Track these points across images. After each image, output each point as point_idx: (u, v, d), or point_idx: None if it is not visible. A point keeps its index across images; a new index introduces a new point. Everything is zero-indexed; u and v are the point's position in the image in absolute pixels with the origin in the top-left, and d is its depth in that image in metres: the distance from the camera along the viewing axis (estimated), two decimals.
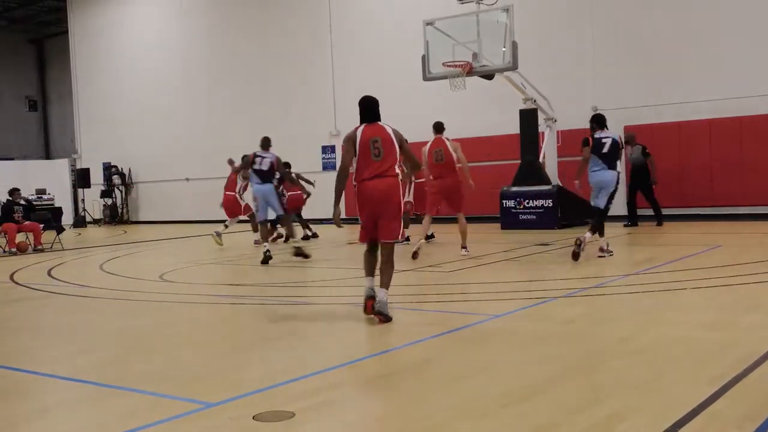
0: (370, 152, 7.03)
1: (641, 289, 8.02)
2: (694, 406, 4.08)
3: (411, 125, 20.27)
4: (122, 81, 29.28)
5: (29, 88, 36.98)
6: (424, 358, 5.57)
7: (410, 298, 8.37)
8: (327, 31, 23.35)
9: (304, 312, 8.03)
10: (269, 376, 5.13)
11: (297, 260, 12.16)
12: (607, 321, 6.67)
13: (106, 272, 12.08)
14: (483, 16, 15.77)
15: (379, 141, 7.09)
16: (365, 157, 7.04)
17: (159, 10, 28.17)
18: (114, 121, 29.41)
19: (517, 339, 6.02)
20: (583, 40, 18.84)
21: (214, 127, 26.07)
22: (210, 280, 11.01)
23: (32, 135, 36.49)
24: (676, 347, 5.52)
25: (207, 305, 8.65)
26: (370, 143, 7.06)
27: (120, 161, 29.18)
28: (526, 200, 16.63)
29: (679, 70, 17.60)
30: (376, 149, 7.04)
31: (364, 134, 7.11)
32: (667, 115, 17.64)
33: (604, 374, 4.92)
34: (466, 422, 4.07)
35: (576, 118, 18.51)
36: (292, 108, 24.06)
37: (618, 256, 10.94)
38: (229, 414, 4.35)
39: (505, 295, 8.15)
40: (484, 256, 11.62)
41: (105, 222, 29.13)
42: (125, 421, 4.27)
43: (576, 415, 4.05)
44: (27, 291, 10.29)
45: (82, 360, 6.05)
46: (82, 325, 7.70)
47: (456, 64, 15.71)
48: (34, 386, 5.38)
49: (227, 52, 25.92)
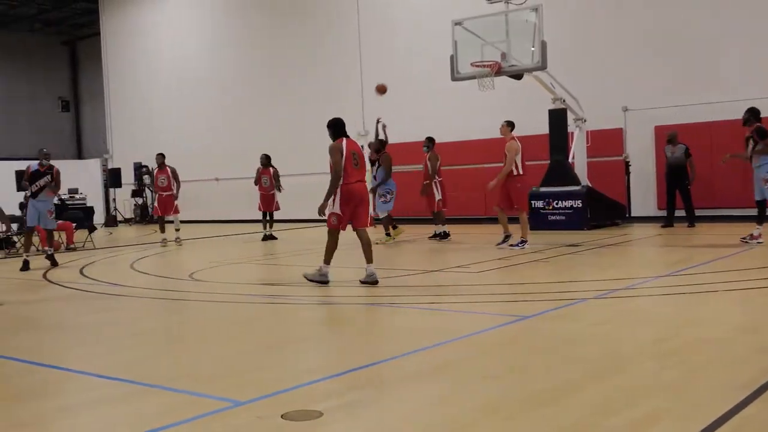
0: (352, 162, 9.12)
1: (674, 291, 7.93)
2: (727, 409, 4.02)
3: (438, 125, 20.33)
4: (153, 82, 29.54)
5: (62, 89, 37.45)
6: (453, 358, 5.55)
7: (439, 299, 8.35)
8: (355, 33, 23.37)
9: (332, 312, 8.04)
10: (297, 376, 5.14)
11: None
12: (638, 323, 6.60)
13: (137, 271, 12.19)
14: (512, 15, 15.69)
15: (356, 154, 9.22)
16: (350, 165, 9.08)
17: (190, 12, 28.38)
18: (145, 122, 29.69)
19: (546, 340, 5.98)
20: (613, 39, 18.67)
21: (243, 127, 26.21)
22: (239, 280, 11.06)
23: (65, 135, 36.94)
24: (709, 350, 5.45)
25: (236, 304, 8.70)
26: (352, 155, 9.14)
27: (151, 161, 29.27)
28: (555, 201, 16.52)
29: (711, 70, 17.38)
30: (355, 160, 9.18)
31: (348, 147, 9.15)
32: (698, 115, 17.43)
33: (635, 376, 4.87)
34: (494, 423, 4.04)
35: (605, 118, 18.39)
36: (321, 109, 24.08)
37: (651, 257, 10.84)
38: (258, 413, 4.36)
39: (535, 296, 8.10)
40: (513, 257, 11.56)
41: (136, 221, 29.41)
42: (155, 419, 4.31)
43: (606, 418, 4.00)
44: (59, 289, 10.41)
45: (112, 358, 6.12)
46: (113, 323, 7.77)
47: (484, 64, 15.64)
48: (65, 383, 5.45)
49: (258, 54, 26.04)
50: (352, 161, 9.11)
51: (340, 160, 9.00)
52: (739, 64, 17.11)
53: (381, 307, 7.90)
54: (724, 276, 8.87)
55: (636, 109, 18.31)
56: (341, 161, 9.00)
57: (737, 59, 17.13)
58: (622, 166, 18.48)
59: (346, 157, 9.04)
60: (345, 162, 9.01)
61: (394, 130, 21.68)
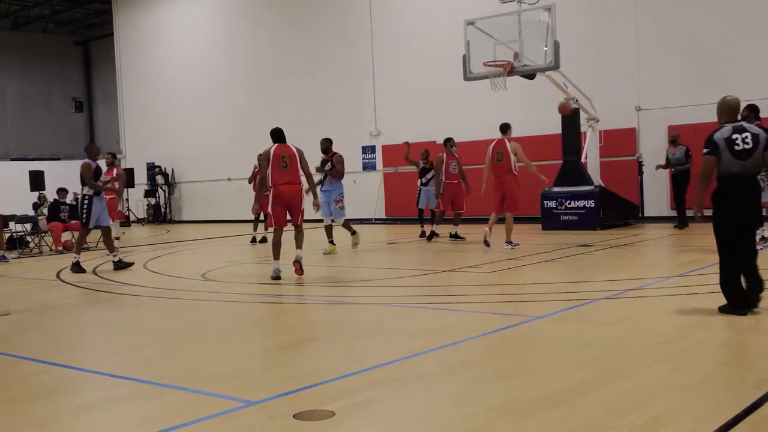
0: (280, 164, 9.99)
1: (685, 291, 7.90)
2: (740, 410, 4.00)
3: (450, 125, 20.33)
4: (166, 82, 29.66)
5: (75, 89, 37.65)
6: (465, 358, 5.55)
7: (451, 299, 8.36)
8: (368, 32, 23.39)
9: (343, 311, 8.06)
10: (309, 375, 5.16)
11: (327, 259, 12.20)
12: (649, 323, 6.58)
13: (150, 271, 12.24)
14: (524, 15, 15.66)
15: (285, 156, 10.04)
16: (277, 169, 10.01)
17: (203, 12, 28.48)
18: (158, 122, 29.82)
19: (558, 341, 5.97)
20: (626, 38, 18.60)
21: (256, 127, 26.21)
22: (251, 279, 11.09)
23: (78, 135, 37.14)
24: (721, 350, 5.43)
25: (248, 304, 8.73)
26: (281, 158, 10.01)
27: (163, 161, 29.58)
28: (567, 201, 16.48)
29: (725, 69, 17.29)
30: (284, 162, 10.01)
31: (276, 151, 10.10)
32: (711, 115, 17.17)
33: (648, 377, 4.85)
34: (508, 424, 4.04)
35: (618, 118, 18.33)
36: (333, 108, 24.15)
37: (663, 257, 10.79)
38: (270, 412, 4.38)
39: (547, 297, 8.08)
40: (525, 257, 11.54)
41: (148, 221, 29.55)
42: (168, 418, 4.33)
43: (619, 418, 4.00)
44: (73, 289, 10.47)
45: (126, 357, 6.15)
46: (125, 323, 7.82)
47: (497, 64, 15.62)
48: (78, 383, 5.48)
49: (270, 53, 26.10)
50: (280, 164, 10.04)
51: (266, 166, 10.14)
52: (753, 64, 17.01)
53: (393, 307, 7.90)
54: None
55: (649, 108, 18.25)
56: (267, 167, 10.13)
57: (751, 58, 17.04)
58: (635, 165, 18.42)
59: (273, 162, 10.05)
60: (272, 166, 10.04)
61: (406, 131, 21.75)
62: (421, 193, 15.91)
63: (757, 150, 6.47)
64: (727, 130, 6.56)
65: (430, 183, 15.70)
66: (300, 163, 10.20)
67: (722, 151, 6.49)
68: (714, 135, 6.59)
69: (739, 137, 6.49)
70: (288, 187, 10.08)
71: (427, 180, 15.78)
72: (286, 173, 10.07)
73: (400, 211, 21.91)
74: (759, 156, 6.50)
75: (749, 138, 6.47)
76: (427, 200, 15.85)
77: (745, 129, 6.55)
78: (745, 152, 6.46)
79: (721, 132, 6.57)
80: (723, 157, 6.49)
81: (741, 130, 6.54)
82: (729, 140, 6.49)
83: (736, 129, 6.56)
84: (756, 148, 6.47)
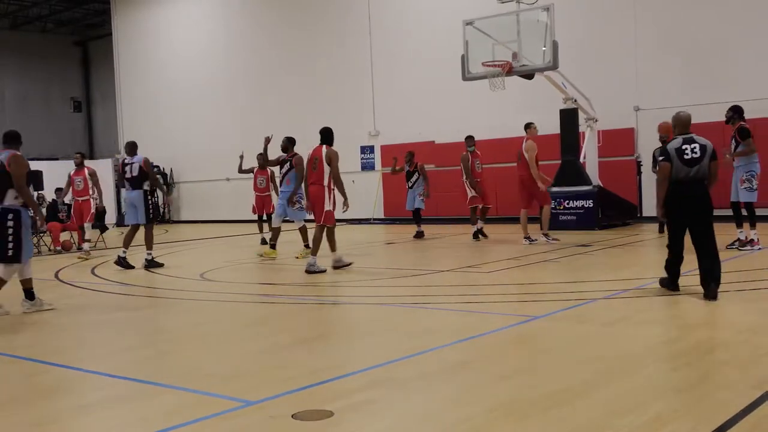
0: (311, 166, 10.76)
1: (683, 291, 7.90)
2: (739, 410, 4.01)
3: (448, 125, 20.35)
4: (165, 82, 29.63)
5: (74, 89, 37.60)
6: (464, 359, 5.55)
7: (451, 299, 8.36)
8: (366, 32, 23.38)
9: (341, 312, 8.05)
10: (308, 376, 5.15)
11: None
12: (648, 323, 6.59)
13: (149, 271, 12.23)
14: (523, 15, 15.66)
15: (317, 159, 10.68)
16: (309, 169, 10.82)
17: (202, 12, 28.46)
18: (156, 122, 29.78)
19: (558, 341, 5.97)
20: (625, 38, 18.60)
21: (254, 127, 26.20)
22: (250, 279, 11.09)
23: (77, 135, 37.09)
24: (720, 350, 5.43)
25: (247, 304, 8.73)
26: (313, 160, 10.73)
27: (162, 161, 29.52)
28: (566, 201, 16.48)
29: (723, 69, 17.30)
30: (314, 165, 10.70)
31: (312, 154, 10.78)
32: (710, 115, 17.33)
33: (647, 377, 4.85)
34: (507, 424, 4.04)
35: (617, 118, 18.32)
36: (332, 108, 24.12)
37: (661, 257, 10.76)
38: (269, 412, 4.37)
39: (546, 297, 8.09)
40: (524, 257, 11.54)
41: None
42: (167, 418, 4.33)
43: (618, 419, 4.00)
44: (71, 289, 10.46)
45: (124, 357, 6.15)
46: (124, 323, 7.81)
47: (495, 64, 15.62)
48: (77, 383, 5.48)
49: (269, 53, 26.08)
50: (311, 165, 10.79)
51: (304, 168, 11.28)
52: (751, 64, 17.03)
53: (392, 307, 7.90)
54: (734, 276, 8.82)
55: (648, 108, 18.24)
56: (304, 168, 11.35)
57: (749, 58, 17.05)
58: (634, 165, 18.41)
59: (307, 163, 10.95)
60: (306, 167, 11.04)
61: (404, 131, 21.77)
62: (408, 194, 16.10)
63: (704, 159, 7.46)
64: (678, 141, 7.57)
65: (416, 185, 15.69)
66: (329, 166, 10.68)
67: (673, 159, 7.49)
68: (667, 145, 7.66)
69: (688, 147, 7.49)
70: (312, 188, 10.74)
71: (413, 183, 15.86)
72: (313, 174, 10.74)
73: (399, 211, 21.88)
74: (706, 164, 7.48)
75: (697, 148, 7.49)
76: (414, 201, 15.90)
77: (694, 140, 7.56)
78: (693, 160, 7.46)
79: (673, 143, 7.60)
80: (676, 164, 7.50)
81: (691, 141, 7.55)
82: (679, 150, 7.50)
83: (686, 140, 7.56)
84: (703, 157, 7.47)
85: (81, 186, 15.01)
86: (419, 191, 15.90)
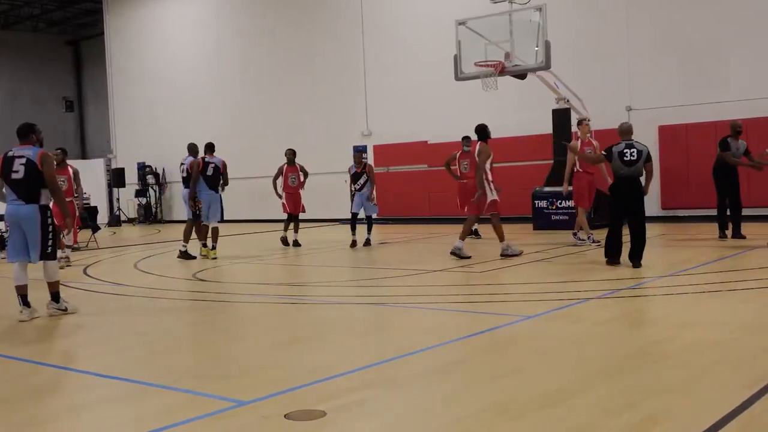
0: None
1: (676, 291, 7.93)
2: (731, 409, 4.02)
3: (441, 125, 20.34)
4: (157, 81, 29.56)
5: (66, 89, 37.48)
6: (457, 358, 5.55)
7: (443, 299, 8.36)
8: (359, 32, 23.36)
9: (335, 311, 8.05)
10: (301, 375, 5.15)
11: (329, 260, 12.19)
12: (641, 323, 6.60)
13: (141, 271, 12.21)
14: (516, 15, 15.69)
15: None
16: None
17: (195, 12, 28.40)
18: (149, 122, 29.72)
19: (550, 341, 5.98)
20: (619, 39, 18.62)
21: (247, 127, 26.22)
22: (242, 279, 11.07)
23: (69, 135, 36.98)
24: (712, 350, 5.44)
25: (239, 304, 8.71)
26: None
27: (154, 161, 29.48)
28: (558, 201, 16.50)
29: (717, 69, 17.34)
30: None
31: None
32: (703, 115, 17.40)
33: (639, 377, 4.86)
34: (500, 424, 4.04)
35: (610, 118, 18.31)
36: (325, 108, 24.12)
37: (654, 257, 10.81)
38: (261, 412, 4.37)
39: (539, 296, 8.10)
40: (516, 257, 11.55)
41: (139, 221, 29.46)
42: (159, 419, 4.32)
43: (611, 418, 4.01)
44: (63, 289, 10.39)
45: (116, 357, 6.13)
46: (117, 323, 7.79)
47: (488, 64, 15.64)
48: (69, 383, 5.46)
49: (262, 52, 26.05)
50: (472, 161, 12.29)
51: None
52: (743, 64, 17.08)
53: (385, 307, 7.90)
54: (727, 276, 8.86)
55: (640, 108, 18.28)
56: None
57: (742, 59, 17.09)
58: None
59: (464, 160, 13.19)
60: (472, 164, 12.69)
61: (397, 131, 21.77)
62: (355, 197, 15.01)
63: (640, 161, 9.63)
64: (621, 145, 9.76)
65: (364, 188, 14.87)
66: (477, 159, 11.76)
67: (615, 159, 9.70)
68: (613, 147, 9.80)
69: (628, 151, 9.68)
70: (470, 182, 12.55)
71: (360, 185, 14.89)
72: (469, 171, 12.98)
73: (392, 211, 21.90)
74: (641, 165, 9.66)
75: (635, 153, 9.65)
76: (362, 205, 14.94)
77: (633, 146, 9.69)
78: (631, 162, 9.67)
79: (617, 146, 9.77)
80: (617, 163, 9.70)
81: (630, 146, 9.71)
82: (621, 152, 9.71)
83: (627, 145, 9.74)
84: (639, 159, 9.64)
85: (65, 187, 12.73)
86: (367, 195, 14.85)
